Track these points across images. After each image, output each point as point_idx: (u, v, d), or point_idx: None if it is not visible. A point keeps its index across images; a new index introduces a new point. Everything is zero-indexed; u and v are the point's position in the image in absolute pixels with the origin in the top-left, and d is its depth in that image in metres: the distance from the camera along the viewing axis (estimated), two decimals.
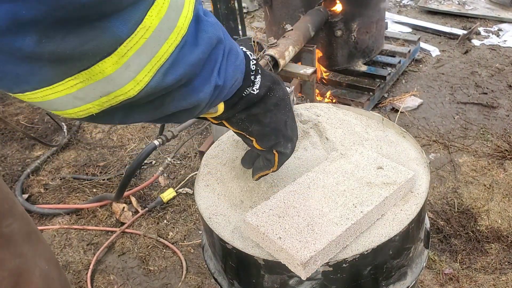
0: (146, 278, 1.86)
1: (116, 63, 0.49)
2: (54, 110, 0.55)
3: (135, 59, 0.50)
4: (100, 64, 0.49)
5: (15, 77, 0.48)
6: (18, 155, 2.62)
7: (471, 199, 2.07)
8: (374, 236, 0.83)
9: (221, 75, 0.62)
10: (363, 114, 1.14)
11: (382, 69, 2.89)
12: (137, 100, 0.55)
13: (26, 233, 0.95)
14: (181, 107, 0.60)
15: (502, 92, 2.85)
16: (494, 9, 3.82)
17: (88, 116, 0.55)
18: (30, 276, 0.94)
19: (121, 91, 0.52)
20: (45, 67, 0.47)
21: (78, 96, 0.51)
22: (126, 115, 0.58)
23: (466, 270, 1.77)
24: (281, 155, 0.80)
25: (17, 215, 0.93)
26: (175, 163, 2.43)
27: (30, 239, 0.96)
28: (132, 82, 0.52)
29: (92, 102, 0.53)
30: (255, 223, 0.82)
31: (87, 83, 0.50)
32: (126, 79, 0.51)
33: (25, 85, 0.50)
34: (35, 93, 0.51)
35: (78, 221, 2.15)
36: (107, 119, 0.58)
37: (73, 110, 0.54)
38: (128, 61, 0.50)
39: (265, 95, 0.72)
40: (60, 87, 0.50)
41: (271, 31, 2.88)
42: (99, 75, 0.50)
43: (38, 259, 0.97)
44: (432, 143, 2.44)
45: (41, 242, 1.01)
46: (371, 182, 0.88)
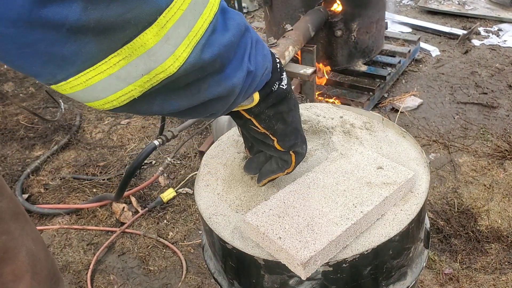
0: (146, 278, 1.86)
1: (156, 35, 0.50)
2: (95, 99, 0.55)
3: (174, 31, 0.51)
4: (141, 36, 0.50)
5: (61, 60, 0.49)
6: (18, 155, 2.62)
7: (471, 199, 2.07)
8: (374, 236, 0.83)
9: (251, 62, 0.64)
10: (363, 114, 1.14)
11: (382, 69, 2.89)
12: (176, 79, 0.55)
13: (14, 212, 0.97)
14: (217, 93, 0.61)
15: (502, 92, 2.85)
16: (494, 9, 3.82)
17: (130, 101, 0.56)
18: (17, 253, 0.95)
19: (161, 67, 0.53)
20: (90, 43, 0.48)
21: (120, 75, 0.52)
22: (165, 100, 0.58)
23: (466, 270, 1.77)
24: (297, 155, 0.83)
25: (5, 194, 0.95)
26: (175, 163, 2.43)
27: (18, 219, 0.98)
28: (171, 57, 0.53)
29: (133, 83, 0.53)
30: (255, 223, 0.82)
31: (129, 60, 0.51)
32: (166, 53, 0.52)
33: (70, 68, 0.50)
34: (78, 77, 0.51)
35: (78, 221, 2.15)
36: (146, 106, 0.58)
37: (115, 95, 0.54)
38: (167, 34, 0.51)
39: (290, 94, 0.76)
40: (104, 66, 0.50)
41: (271, 31, 2.89)
42: (141, 48, 0.50)
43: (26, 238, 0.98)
44: (432, 143, 2.44)
45: (29, 223, 1.02)
46: (371, 182, 0.88)
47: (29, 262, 0.98)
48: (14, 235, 0.95)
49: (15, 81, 3.42)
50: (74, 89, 0.53)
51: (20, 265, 0.96)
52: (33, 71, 0.51)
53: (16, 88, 3.32)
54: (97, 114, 2.93)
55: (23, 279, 0.96)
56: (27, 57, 0.48)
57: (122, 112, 0.60)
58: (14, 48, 0.47)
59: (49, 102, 3.10)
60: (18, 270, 0.95)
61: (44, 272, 1.02)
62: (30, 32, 0.46)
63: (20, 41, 0.47)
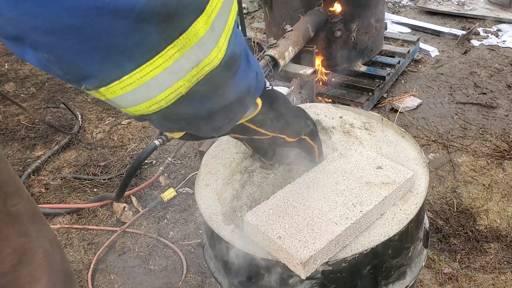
0: (147, 278, 1.87)
1: (205, 24, 0.52)
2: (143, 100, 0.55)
3: (216, 22, 0.54)
4: (194, 24, 0.51)
5: (121, 53, 0.48)
6: (19, 155, 2.63)
7: (470, 198, 2.08)
8: (373, 235, 0.83)
9: (254, 64, 0.68)
10: (362, 114, 1.14)
11: (381, 69, 2.89)
12: (214, 73, 0.57)
13: (32, 214, 0.97)
14: (238, 92, 0.64)
15: (501, 92, 2.86)
16: (493, 10, 3.82)
17: (176, 100, 0.56)
18: (34, 255, 0.96)
19: (208, 59, 0.55)
20: (152, 33, 0.49)
21: (174, 69, 0.53)
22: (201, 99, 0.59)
23: (465, 270, 1.78)
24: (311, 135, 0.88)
25: (23, 196, 0.95)
26: (175, 163, 2.44)
27: (35, 220, 0.98)
28: (216, 48, 0.55)
29: (183, 77, 0.55)
30: (255, 223, 0.82)
31: (183, 51, 0.52)
32: (212, 43, 0.54)
33: (128, 63, 0.50)
34: (133, 75, 0.51)
35: (79, 221, 2.15)
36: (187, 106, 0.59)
37: (165, 94, 0.55)
38: (212, 23, 0.53)
39: (274, 91, 0.80)
40: (160, 60, 0.51)
41: (271, 31, 2.89)
42: (194, 38, 0.52)
43: (42, 239, 0.98)
44: (431, 143, 2.45)
45: (45, 224, 1.03)
46: (371, 181, 0.89)
47: (46, 264, 0.98)
48: (32, 237, 0.96)
49: (16, 81, 3.42)
50: (125, 90, 0.52)
51: (37, 267, 0.96)
52: (88, 71, 0.50)
53: (17, 88, 3.33)
54: (98, 114, 2.93)
55: (40, 281, 0.97)
56: (87, 53, 0.47)
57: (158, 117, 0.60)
58: (76, 42, 0.46)
59: (49, 103, 3.10)
60: (35, 271, 0.96)
61: (60, 273, 1.03)
62: (98, 22, 0.45)
63: (85, 34, 0.45)
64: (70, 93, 3.20)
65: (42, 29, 0.45)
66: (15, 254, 0.93)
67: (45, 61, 0.48)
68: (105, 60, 0.49)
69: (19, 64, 3.68)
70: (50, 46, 0.47)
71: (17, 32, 0.46)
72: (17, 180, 0.97)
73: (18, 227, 0.93)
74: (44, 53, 0.47)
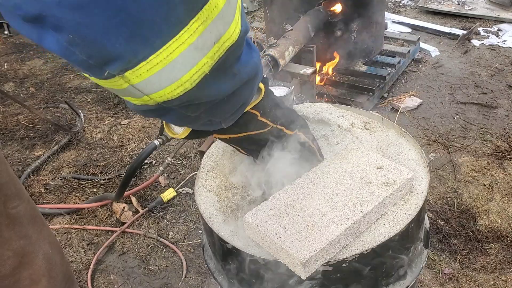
0: (147, 278, 1.87)
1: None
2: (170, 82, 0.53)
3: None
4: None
5: (149, 29, 0.47)
6: (19, 155, 2.62)
7: (471, 199, 2.08)
8: (374, 235, 0.83)
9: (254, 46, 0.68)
10: (363, 114, 1.14)
11: (381, 69, 2.89)
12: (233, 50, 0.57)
13: (32, 216, 0.97)
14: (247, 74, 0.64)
15: (502, 92, 2.85)
16: (494, 9, 3.82)
17: (200, 80, 0.55)
18: (34, 257, 0.95)
19: (228, 33, 0.55)
20: (178, 5, 0.48)
21: (198, 45, 0.52)
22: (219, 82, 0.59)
23: (465, 270, 1.77)
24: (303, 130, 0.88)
25: (23, 198, 0.95)
26: (175, 163, 2.43)
27: (35, 222, 0.98)
28: (234, 22, 0.55)
29: (207, 54, 0.54)
30: (255, 223, 0.82)
31: (206, 24, 0.51)
32: (231, 16, 0.55)
33: (155, 40, 0.48)
34: (160, 53, 0.49)
35: (79, 221, 2.15)
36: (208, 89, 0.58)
37: (190, 73, 0.54)
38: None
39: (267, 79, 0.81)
40: (186, 35, 0.50)
41: (271, 31, 2.89)
42: (215, 10, 0.51)
43: (42, 242, 0.98)
44: (432, 143, 2.44)
45: (46, 227, 1.02)
46: (371, 182, 0.88)
47: (46, 266, 0.98)
48: (32, 239, 0.95)
49: (15, 81, 3.42)
50: (152, 71, 0.51)
51: (37, 269, 0.96)
52: (114, 51, 0.47)
53: (16, 88, 3.32)
54: (98, 114, 2.93)
55: (40, 283, 0.97)
56: (115, 30, 0.45)
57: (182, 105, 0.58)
58: (104, 18, 0.44)
59: (49, 102, 3.10)
60: (35, 274, 0.95)
61: (60, 276, 1.03)
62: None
63: (113, 7, 0.43)
64: (70, 93, 3.20)
65: (68, 4, 0.42)
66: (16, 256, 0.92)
67: (67, 44, 0.46)
68: (133, 37, 0.47)
69: (18, 64, 3.67)
70: (76, 23, 0.44)
71: (39, 10, 0.43)
72: (17, 182, 0.97)
73: (18, 230, 0.93)
74: (69, 33, 0.45)
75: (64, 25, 0.44)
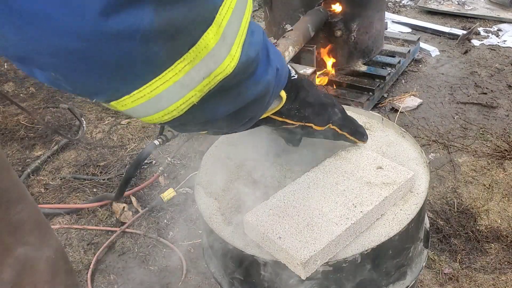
0: (147, 278, 1.87)
1: (216, 34, 0.51)
2: (155, 111, 0.55)
3: (228, 29, 0.52)
4: (204, 36, 0.50)
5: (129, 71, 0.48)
6: (18, 155, 2.62)
7: (471, 199, 2.08)
8: (373, 235, 0.83)
9: (275, 59, 0.66)
10: (362, 114, 1.14)
11: (381, 69, 2.89)
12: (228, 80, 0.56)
13: (35, 221, 0.96)
14: (256, 93, 0.63)
15: (502, 92, 2.85)
16: (494, 9, 3.82)
17: (189, 109, 0.56)
18: (37, 263, 0.95)
19: (220, 68, 0.54)
20: (160, 51, 0.48)
21: (184, 82, 0.52)
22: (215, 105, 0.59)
23: (465, 270, 1.77)
24: (337, 124, 0.86)
25: (27, 203, 0.94)
26: (175, 163, 2.43)
27: (39, 228, 0.97)
28: (228, 56, 0.54)
29: (195, 88, 0.54)
30: (255, 223, 0.82)
31: (193, 64, 0.51)
32: (224, 53, 0.53)
33: (137, 79, 0.50)
34: (143, 89, 0.51)
35: (79, 221, 2.15)
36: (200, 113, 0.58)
37: (176, 104, 0.54)
38: (223, 32, 0.52)
39: (300, 79, 0.78)
40: (170, 74, 0.50)
41: (271, 31, 2.89)
42: (204, 50, 0.51)
43: (46, 247, 0.97)
44: (432, 143, 2.44)
45: (49, 231, 1.01)
46: (371, 182, 0.88)
47: (49, 272, 0.97)
48: (35, 245, 0.94)
49: (15, 81, 3.42)
50: (136, 103, 0.52)
51: (40, 276, 0.95)
52: (96, 88, 0.50)
53: (16, 88, 3.32)
54: (97, 114, 2.93)
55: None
56: (93, 72, 0.47)
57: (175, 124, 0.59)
58: (82, 64, 0.46)
59: (49, 103, 3.10)
60: (38, 281, 0.95)
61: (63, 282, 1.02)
62: (101, 45, 0.44)
63: (89, 56, 0.45)
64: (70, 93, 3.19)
65: (46, 52, 0.45)
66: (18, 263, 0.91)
67: (53, 79, 0.49)
68: (113, 78, 0.49)
69: None
70: (56, 67, 0.47)
71: (23, 54, 0.46)
72: (21, 186, 0.96)
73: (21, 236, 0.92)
74: (52, 72, 0.48)
75: (46, 67, 0.48)
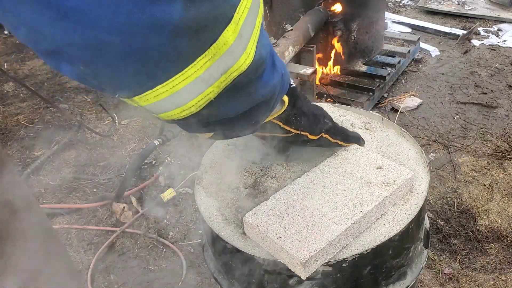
0: (147, 278, 1.87)
1: (234, 32, 0.53)
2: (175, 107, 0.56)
3: (244, 28, 0.54)
4: (224, 33, 0.52)
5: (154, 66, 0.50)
6: (19, 155, 2.62)
7: (471, 199, 2.08)
8: (373, 235, 0.83)
9: (279, 65, 0.68)
10: (362, 114, 1.14)
11: (381, 69, 2.89)
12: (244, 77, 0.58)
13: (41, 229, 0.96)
14: (264, 95, 0.65)
15: (502, 92, 2.85)
16: (494, 9, 3.82)
17: (206, 105, 0.58)
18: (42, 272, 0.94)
19: (237, 65, 0.56)
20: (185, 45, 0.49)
21: (204, 77, 0.54)
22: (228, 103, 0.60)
23: (465, 270, 1.77)
24: (330, 132, 0.90)
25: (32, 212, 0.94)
26: (175, 163, 2.43)
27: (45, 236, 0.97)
28: (244, 54, 0.56)
29: (213, 84, 0.56)
30: (255, 223, 0.82)
31: (213, 60, 0.53)
32: (241, 50, 0.55)
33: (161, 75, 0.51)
34: (166, 85, 0.52)
35: (79, 221, 2.15)
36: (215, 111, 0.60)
37: (195, 100, 0.56)
38: (241, 30, 0.53)
39: (296, 88, 0.81)
40: (192, 70, 0.52)
41: (271, 31, 2.89)
42: (224, 47, 0.52)
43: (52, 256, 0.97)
44: (432, 143, 2.44)
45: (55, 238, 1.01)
46: (371, 181, 0.88)
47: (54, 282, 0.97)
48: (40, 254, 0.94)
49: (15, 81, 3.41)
50: (158, 98, 0.54)
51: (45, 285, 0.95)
52: (122, 82, 0.51)
53: (16, 88, 3.32)
54: (97, 114, 2.93)
55: None
56: (122, 66, 0.49)
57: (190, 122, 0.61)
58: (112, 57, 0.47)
59: (49, 103, 3.10)
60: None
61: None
62: (133, 38, 0.46)
63: (120, 50, 0.46)
64: (70, 93, 3.19)
65: (78, 45, 0.46)
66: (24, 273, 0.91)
67: (81, 73, 0.50)
68: (139, 73, 0.50)
69: (18, 64, 3.67)
70: (86, 60, 0.48)
71: (54, 47, 0.47)
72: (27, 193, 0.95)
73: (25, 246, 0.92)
74: (81, 67, 0.49)
75: (76, 61, 0.48)
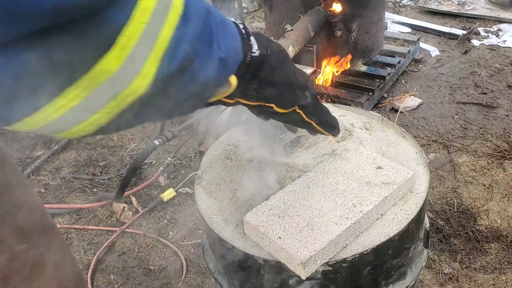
0: (147, 278, 1.87)
1: (118, 58, 0.45)
2: (59, 132, 0.51)
3: (138, 48, 0.46)
4: (102, 62, 0.44)
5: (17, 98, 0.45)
6: (19, 155, 2.63)
7: (471, 199, 2.08)
8: (373, 235, 0.83)
9: (221, 48, 0.57)
10: (362, 114, 1.14)
11: (381, 69, 2.89)
12: (149, 94, 0.50)
13: (43, 225, 0.96)
14: (190, 92, 0.56)
15: (502, 92, 2.85)
16: (494, 9, 3.82)
17: (98, 128, 0.51)
18: (44, 269, 0.95)
19: (129, 90, 0.48)
20: (42, 85, 0.44)
21: (83, 107, 0.47)
22: (138, 115, 0.53)
23: (465, 270, 1.77)
24: (305, 108, 0.74)
25: (34, 207, 0.94)
26: (175, 163, 2.43)
27: (47, 232, 0.97)
28: (139, 76, 0.47)
29: (99, 111, 0.49)
30: (254, 223, 0.82)
31: (91, 89, 0.46)
32: (133, 74, 0.47)
33: (25, 107, 0.46)
34: (35, 116, 0.47)
35: (79, 221, 2.15)
36: (123, 124, 0.53)
37: (80, 126, 0.50)
38: (131, 53, 0.45)
39: (265, 54, 0.67)
40: (61, 101, 0.46)
41: (271, 31, 2.89)
42: (102, 76, 0.45)
43: (53, 252, 0.97)
44: (432, 143, 2.44)
45: (57, 235, 1.01)
46: (371, 181, 0.88)
47: (56, 277, 0.97)
48: (42, 250, 0.94)
49: None
50: (34, 127, 0.49)
51: (47, 281, 0.95)
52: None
53: None
54: None
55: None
56: None
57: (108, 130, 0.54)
58: None
59: None
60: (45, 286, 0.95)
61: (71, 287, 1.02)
62: None
63: None
64: None
65: None
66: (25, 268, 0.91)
67: None
68: (6, 103, 0.45)
69: None
70: None
71: None
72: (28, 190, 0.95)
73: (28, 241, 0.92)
74: None
75: None
